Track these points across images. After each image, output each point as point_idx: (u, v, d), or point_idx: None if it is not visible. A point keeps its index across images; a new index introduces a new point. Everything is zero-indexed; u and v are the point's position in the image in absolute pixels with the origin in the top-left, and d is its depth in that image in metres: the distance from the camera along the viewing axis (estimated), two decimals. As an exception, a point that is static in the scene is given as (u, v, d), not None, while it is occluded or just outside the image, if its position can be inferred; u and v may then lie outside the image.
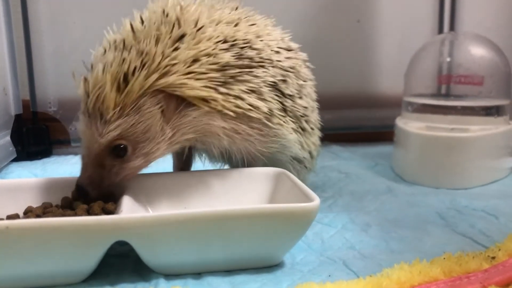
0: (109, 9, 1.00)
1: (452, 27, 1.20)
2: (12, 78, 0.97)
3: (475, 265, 0.49)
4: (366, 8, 1.18)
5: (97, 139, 0.52)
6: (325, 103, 0.75)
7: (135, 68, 0.51)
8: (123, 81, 0.51)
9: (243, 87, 0.56)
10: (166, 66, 0.52)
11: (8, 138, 0.95)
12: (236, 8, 0.63)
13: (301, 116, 0.65)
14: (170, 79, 0.52)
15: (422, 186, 0.82)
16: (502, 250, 0.53)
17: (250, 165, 0.62)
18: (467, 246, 0.57)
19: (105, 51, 0.54)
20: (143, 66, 0.51)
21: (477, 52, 0.90)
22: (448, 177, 0.82)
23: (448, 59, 0.93)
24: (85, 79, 0.53)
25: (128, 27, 0.55)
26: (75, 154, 1.02)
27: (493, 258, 0.51)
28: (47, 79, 1.03)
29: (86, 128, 0.53)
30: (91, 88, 0.52)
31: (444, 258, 0.50)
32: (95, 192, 0.53)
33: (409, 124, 0.89)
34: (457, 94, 0.91)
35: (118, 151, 0.53)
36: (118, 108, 0.51)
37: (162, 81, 0.52)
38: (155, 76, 0.51)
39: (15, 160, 0.96)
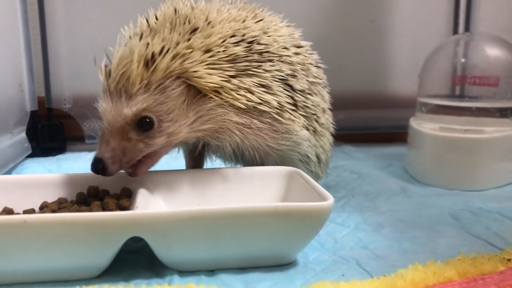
0: (124, 8, 1.01)
1: (467, 28, 1.19)
2: (28, 75, 0.98)
3: (490, 267, 0.48)
4: (380, 8, 1.17)
5: (123, 112, 0.52)
6: (338, 103, 0.74)
7: (162, 49, 0.53)
8: (151, 59, 0.52)
9: (253, 81, 0.57)
10: (183, 54, 0.54)
11: (23, 134, 0.96)
12: (244, 5, 0.64)
13: (312, 114, 0.65)
14: (187, 65, 0.54)
15: (435, 187, 0.81)
16: (518, 252, 0.52)
17: (261, 163, 0.62)
18: (482, 248, 0.57)
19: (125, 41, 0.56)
20: (168, 50, 0.53)
21: (493, 53, 0.89)
22: (462, 178, 0.81)
23: (463, 60, 0.92)
24: (106, 66, 0.54)
25: (145, 22, 0.57)
26: (89, 151, 1.03)
27: (509, 260, 0.50)
28: (62, 77, 1.04)
29: (108, 106, 0.53)
30: (115, 67, 0.53)
31: (459, 260, 0.50)
32: (114, 166, 0.53)
33: (423, 125, 0.88)
34: (471, 95, 0.90)
35: (144, 124, 0.53)
36: (144, 84, 0.52)
37: (181, 66, 0.53)
38: (177, 60, 0.53)
39: (30, 156, 0.98)
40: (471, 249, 0.55)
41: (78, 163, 0.95)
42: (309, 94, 0.64)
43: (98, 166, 0.52)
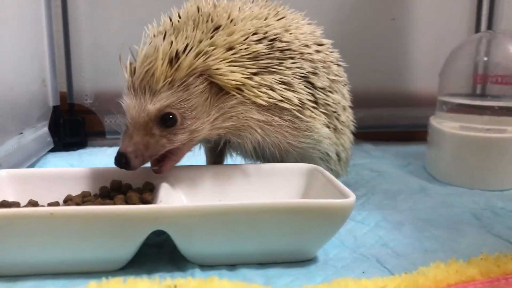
0: (145, 5, 1.02)
1: (489, 26, 1.17)
2: (51, 71, 1.00)
3: (513, 266, 0.48)
4: (400, 5, 1.17)
5: (147, 108, 0.53)
6: (358, 101, 0.74)
7: (186, 47, 0.54)
8: (175, 57, 0.53)
9: (274, 78, 0.58)
10: (206, 51, 0.54)
11: (46, 129, 0.98)
12: (266, 3, 0.64)
13: (333, 112, 0.65)
14: (210, 63, 0.54)
15: (456, 187, 0.81)
16: (541, 252, 0.52)
17: (281, 161, 0.63)
18: (503, 247, 0.56)
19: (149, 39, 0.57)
20: (191, 48, 0.54)
21: (516, 51, 0.88)
22: (483, 178, 0.80)
23: (485, 59, 0.91)
24: (130, 63, 0.55)
25: (168, 21, 0.58)
26: (110, 146, 1.04)
27: (532, 260, 0.50)
28: (84, 72, 1.06)
29: (132, 102, 0.54)
30: (139, 65, 0.54)
31: (481, 259, 0.50)
32: (137, 161, 0.53)
33: (444, 124, 0.88)
34: (493, 94, 0.89)
35: (167, 121, 0.54)
36: (168, 81, 0.53)
37: (204, 63, 0.54)
38: (200, 57, 0.54)
39: (52, 150, 0.99)
40: (493, 249, 0.54)
41: (99, 157, 0.96)
42: (330, 92, 0.64)
43: (121, 160, 0.53)
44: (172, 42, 0.54)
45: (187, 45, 0.54)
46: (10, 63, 0.81)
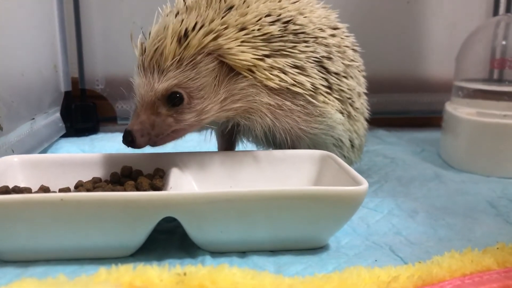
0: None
1: (508, 9, 1.14)
2: (63, 56, 1.00)
3: (530, 256, 0.47)
4: (416, -12, 1.14)
5: (154, 87, 0.53)
6: (372, 86, 0.73)
7: (195, 24, 0.53)
8: (184, 35, 0.53)
9: (287, 61, 0.57)
10: (218, 30, 0.54)
11: (58, 114, 0.98)
12: None
13: (347, 98, 0.64)
14: (222, 42, 0.54)
15: (471, 174, 0.79)
16: (559, 242, 0.50)
17: (293, 147, 0.62)
18: (521, 236, 0.55)
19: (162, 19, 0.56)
20: (201, 26, 0.53)
21: (535, 35, 0.85)
22: (499, 165, 0.79)
23: (503, 43, 0.89)
24: (141, 43, 0.55)
25: (181, 1, 0.58)
26: (121, 131, 1.02)
27: (550, 250, 0.48)
28: (96, 58, 1.05)
29: (141, 80, 0.54)
30: (149, 43, 0.54)
31: (498, 248, 0.49)
32: (143, 139, 0.53)
33: (459, 110, 0.86)
34: (511, 79, 0.87)
35: (174, 99, 0.54)
36: (177, 59, 0.53)
37: (215, 42, 0.54)
38: (210, 36, 0.53)
39: (64, 136, 0.99)
40: (509, 238, 0.53)
41: (110, 143, 0.96)
42: (344, 77, 0.63)
43: (127, 138, 0.54)
44: (182, 20, 0.53)
45: (196, 23, 0.53)
46: (22, 49, 0.81)
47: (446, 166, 0.84)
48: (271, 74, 0.56)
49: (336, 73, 0.62)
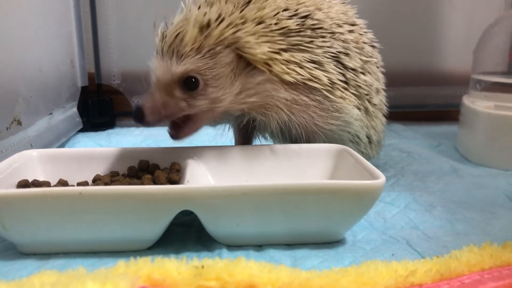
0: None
1: (527, 1, 1.13)
2: (79, 52, 1.01)
3: (550, 251, 0.46)
4: (433, -20, 1.13)
5: (171, 69, 0.54)
6: (388, 80, 0.72)
7: (218, 16, 0.54)
8: (206, 25, 0.53)
9: (304, 56, 0.57)
10: (236, 24, 0.54)
11: (75, 109, 0.99)
12: None
13: (365, 94, 0.63)
14: (240, 35, 0.54)
15: (489, 168, 0.78)
16: None
17: (308, 142, 0.62)
18: (540, 231, 0.55)
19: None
20: (223, 19, 0.54)
21: (555, 27, 0.84)
22: (518, 159, 0.78)
23: (523, 35, 0.88)
24: (162, 32, 0.56)
25: None
26: (138, 126, 1.04)
27: None
28: (112, 53, 1.06)
29: (159, 63, 0.55)
30: (171, 29, 0.55)
31: (517, 243, 0.48)
32: (152, 116, 0.54)
33: (477, 103, 0.85)
34: (530, 72, 0.86)
35: (189, 83, 0.54)
36: (196, 46, 0.54)
37: (233, 35, 0.54)
38: (231, 29, 0.54)
39: (81, 130, 1.01)
40: (529, 233, 0.53)
41: (127, 138, 0.97)
42: (361, 73, 0.63)
43: (137, 113, 0.54)
44: (205, 12, 0.54)
45: (219, 15, 0.54)
46: (39, 44, 0.82)
47: (464, 160, 0.83)
48: (288, 68, 0.56)
49: (353, 69, 0.61)
